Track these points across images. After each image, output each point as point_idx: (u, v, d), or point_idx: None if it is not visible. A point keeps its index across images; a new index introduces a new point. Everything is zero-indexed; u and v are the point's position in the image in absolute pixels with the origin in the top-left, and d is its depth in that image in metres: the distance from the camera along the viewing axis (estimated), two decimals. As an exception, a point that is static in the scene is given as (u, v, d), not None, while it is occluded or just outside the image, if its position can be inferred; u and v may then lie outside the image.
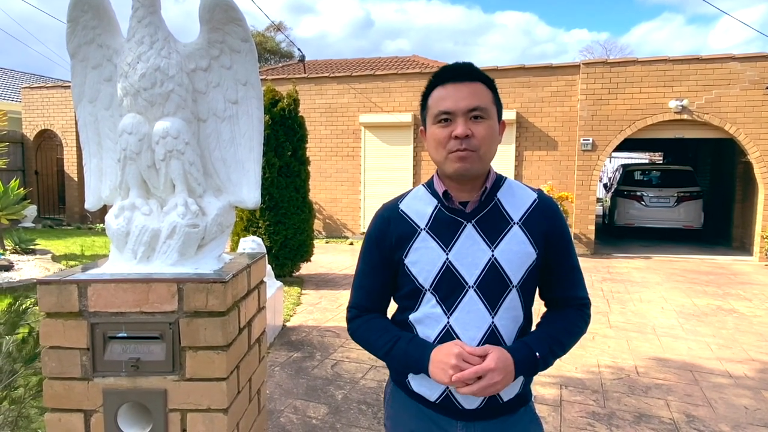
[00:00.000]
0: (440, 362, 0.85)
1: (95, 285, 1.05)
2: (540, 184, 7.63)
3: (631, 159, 17.10)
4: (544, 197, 0.97)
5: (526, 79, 7.83)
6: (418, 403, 0.96)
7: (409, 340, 0.93)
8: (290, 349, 3.27)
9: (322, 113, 8.82)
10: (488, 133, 0.89)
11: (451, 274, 0.91)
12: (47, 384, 1.09)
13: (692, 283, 5.49)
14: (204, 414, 1.08)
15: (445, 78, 0.91)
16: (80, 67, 1.14)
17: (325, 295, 4.74)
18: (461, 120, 0.88)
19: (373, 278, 1.00)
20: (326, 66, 11.60)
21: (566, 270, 0.97)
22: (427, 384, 0.93)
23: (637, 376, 2.90)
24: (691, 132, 7.20)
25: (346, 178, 8.79)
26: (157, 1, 1.04)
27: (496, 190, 0.95)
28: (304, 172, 5.17)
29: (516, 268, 0.91)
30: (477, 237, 0.92)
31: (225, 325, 1.06)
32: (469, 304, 0.90)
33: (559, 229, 0.95)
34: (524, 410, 0.96)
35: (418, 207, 0.97)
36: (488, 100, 0.90)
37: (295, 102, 5.08)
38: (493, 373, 0.82)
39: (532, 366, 0.89)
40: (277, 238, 4.90)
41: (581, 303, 0.97)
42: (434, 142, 0.92)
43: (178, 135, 1.05)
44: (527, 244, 0.92)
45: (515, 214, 0.93)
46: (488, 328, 0.90)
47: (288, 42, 19.49)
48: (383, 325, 0.98)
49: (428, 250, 0.92)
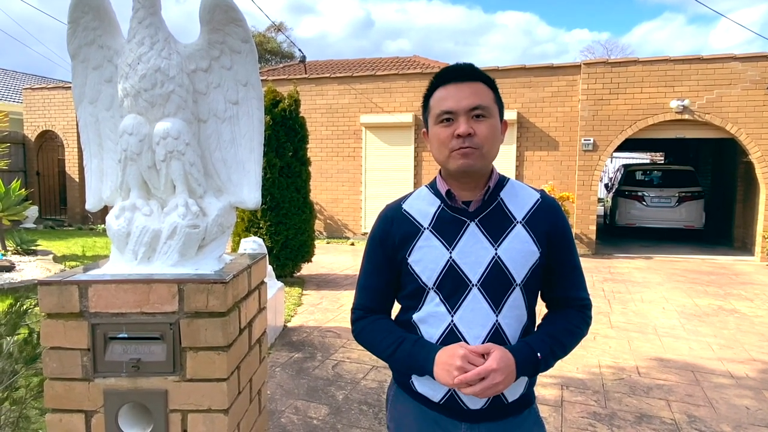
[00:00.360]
0: (445, 364, 0.85)
1: (96, 286, 1.05)
2: (541, 184, 7.62)
3: (633, 159, 17.08)
4: (546, 197, 0.97)
5: (526, 79, 7.83)
6: (422, 405, 0.96)
7: (413, 341, 0.93)
8: (291, 349, 3.27)
9: (323, 114, 8.83)
10: (490, 131, 0.90)
11: (455, 273, 0.91)
12: (48, 384, 1.09)
13: (693, 283, 5.48)
14: (205, 414, 1.08)
15: (447, 78, 0.91)
16: (81, 68, 1.14)
17: (326, 296, 4.74)
18: (463, 119, 0.88)
19: (377, 278, 1.00)
20: (327, 66, 11.61)
21: (568, 270, 0.97)
22: (430, 384, 0.93)
23: (639, 376, 2.90)
24: (692, 132, 7.19)
25: (347, 179, 8.80)
26: (157, 2, 1.04)
27: (499, 190, 0.96)
28: (305, 172, 5.17)
29: (519, 266, 0.91)
30: (480, 236, 0.92)
31: (225, 326, 1.06)
32: (472, 302, 0.90)
33: (561, 228, 0.96)
34: (528, 412, 0.97)
35: (421, 206, 0.97)
36: (490, 99, 0.91)
37: (296, 103, 5.09)
38: (495, 374, 0.83)
39: (534, 366, 0.89)
40: (278, 239, 4.91)
41: (582, 304, 0.97)
42: (437, 142, 0.92)
43: (178, 136, 1.05)
44: (530, 243, 0.92)
45: (518, 214, 0.94)
46: (492, 326, 0.90)
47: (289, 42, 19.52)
48: (387, 326, 0.98)
49: (431, 249, 0.92)
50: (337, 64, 11.95)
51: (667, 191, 8.39)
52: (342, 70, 10.31)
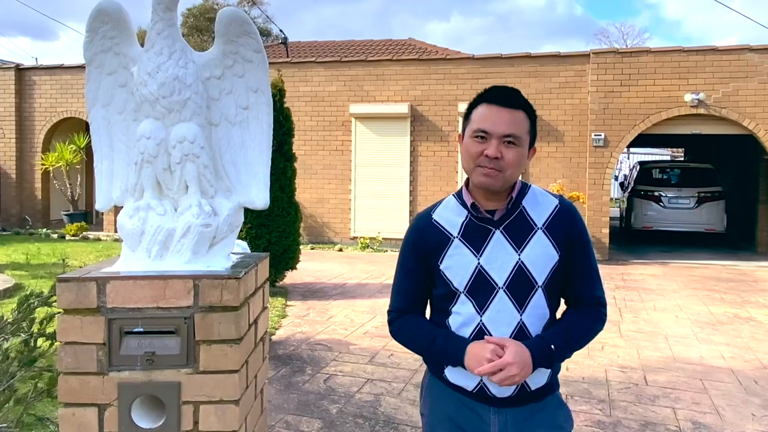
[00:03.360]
0: (476, 355, 1.10)
1: (114, 282, 1.27)
2: (549, 183, 7.90)
3: (651, 156, 17.63)
4: (564, 203, 1.21)
5: (532, 68, 8.14)
6: (455, 392, 1.20)
7: (445, 336, 1.18)
8: (278, 363, 3.46)
9: (308, 102, 8.96)
10: (516, 159, 1.13)
11: (483, 277, 1.15)
12: (62, 379, 1.30)
13: (710, 290, 5.83)
14: (216, 406, 1.30)
15: (492, 99, 1.14)
16: (96, 73, 1.36)
17: (313, 307, 4.94)
18: (495, 142, 1.11)
19: (410, 282, 1.25)
20: (311, 48, 11.83)
21: (584, 270, 1.20)
22: (463, 377, 1.17)
23: (646, 384, 3.18)
24: (708, 127, 7.57)
25: (335, 175, 8.93)
26: (174, 15, 1.27)
27: (521, 198, 1.19)
28: (290, 169, 5.34)
29: (540, 269, 1.15)
30: (505, 242, 1.15)
31: (238, 319, 1.29)
32: (499, 303, 1.14)
33: (579, 231, 1.19)
34: (551, 398, 1.20)
35: (450, 217, 1.21)
36: (524, 130, 1.14)
37: (281, 93, 5.29)
38: (510, 366, 1.06)
39: (548, 357, 1.12)
40: (260, 243, 5.06)
41: (597, 302, 1.21)
42: (467, 154, 1.16)
43: (194, 140, 1.28)
44: (550, 247, 1.15)
45: (539, 220, 1.17)
46: (517, 324, 1.14)
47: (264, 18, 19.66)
48: (422, 324, 1.24)
49: (461, 256, 1.16)
50: (323, 45, 12.19)
51: (686, 191, 8.72)
52: (329, 54, 10.52)
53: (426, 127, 8.60)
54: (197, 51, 1.35)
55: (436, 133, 8.59)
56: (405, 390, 3.07)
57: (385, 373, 3.32)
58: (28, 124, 10.10)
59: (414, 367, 3.39)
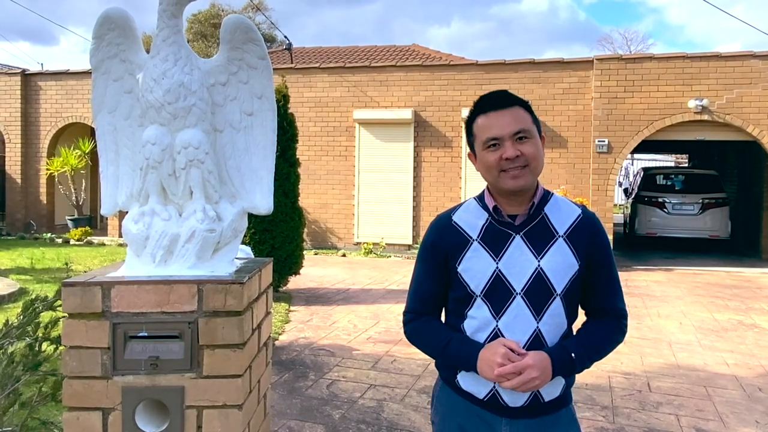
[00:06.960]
0: (487, 360, 1.08)
1: (119, 287, 1.28)
2: (552, 189, 7.87)
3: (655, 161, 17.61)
4: (587, 213, 1.20)
5: (536, 74, 8.17)
6: (467, 401, 1.19)
7: (460, 340, 1.17)
8: (281, 369, 3.46)
9: (312, 108, 9.02)
10: (534, 149, 1.13)
11: (501, 282, 1.13)
12: (67, 383, 1.31)
13: (714, 297, 5.79)
14: (220, 410, 1.31)
15: (486, 107, 1.15)
16: (102, 79, 1.38)
17: (317, 312, 4.94)
18: (509, 143, 1.11)
19: (427, 283, 1.24)
20: (315, 54, 11.91)
21: (606, 282, 1.19)
22: (475, 383, 1.16)
23: (649, 391, 3.16)
24: (712, 134, 7.56)
25: (338, 181, 8.97)
26: (180, 22, 1.29)
27: (544, 205, 1.18)
28: (293, 175, 5.37)
29: (560, 278, 1.13)
30: (525, 248, 1.14)
31: (241, 324, 1.29)
32: (516, 309, 1.13)
33: (601, 243, 1.18)
34: (564, 411, 1.19)
35: (470, 219, 1.20)
36: (529, 122, 1.14)
37: (285, 98, 5.33)
38: (531, 369, 1.04)
39: (568, 366, 1.10)
40: (263, 248, 5.08)
41: (619, 314, 1.20)
42: (485, 166, 1.15)
43: (199, 146, 1.29)
44: (571, 256, 1.14)
45: (561, 228, 1.16)
46: (533, 332, 1.12)
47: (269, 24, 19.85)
48: (437, 326, 1.23)
49: (480, 260, 1.15)
50: (327, 51, 12.26)
51: (690, 197, 8.70)
52: (333, 59, 10.58)
53: (429, 133, 8.63)
54: (202, 57, 1.37)
55: (440, 139, 8.61)
56: (408, 396, 3.06)
57: (388, 379, 3.31)
58: (33, 129, 10.17)
59: (417, 373, 3.38)
